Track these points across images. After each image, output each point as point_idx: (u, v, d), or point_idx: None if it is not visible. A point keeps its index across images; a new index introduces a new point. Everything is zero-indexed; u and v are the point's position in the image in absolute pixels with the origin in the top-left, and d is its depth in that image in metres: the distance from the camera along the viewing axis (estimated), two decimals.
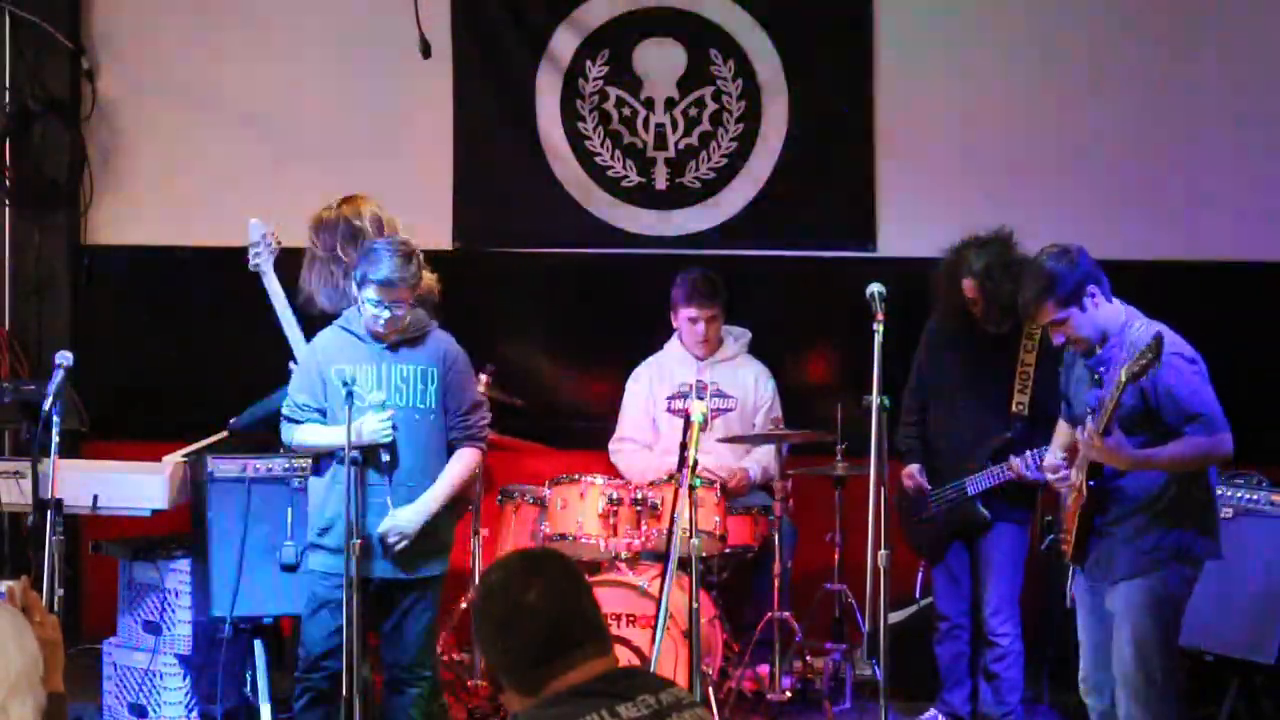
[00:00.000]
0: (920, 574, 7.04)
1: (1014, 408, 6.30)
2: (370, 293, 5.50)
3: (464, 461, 5.68)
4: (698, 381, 6.97)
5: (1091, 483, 5.12)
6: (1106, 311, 5.15)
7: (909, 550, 6.71)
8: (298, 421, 5.68)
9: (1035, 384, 6.26)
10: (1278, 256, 7.42)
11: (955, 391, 6.46)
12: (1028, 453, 6.10)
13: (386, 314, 5.51)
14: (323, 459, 5.64)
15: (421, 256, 5.60)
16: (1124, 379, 4.87)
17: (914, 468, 6.54)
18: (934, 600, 6.63)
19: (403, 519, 5.54)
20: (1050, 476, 5.36)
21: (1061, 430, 5.53)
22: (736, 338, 7.18)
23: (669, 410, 6.98)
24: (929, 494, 6.48)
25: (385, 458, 5.51)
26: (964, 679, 6.53)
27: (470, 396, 5.71)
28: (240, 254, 7.62)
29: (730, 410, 6.98)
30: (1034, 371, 6.27)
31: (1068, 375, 5.45)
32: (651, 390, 7.14)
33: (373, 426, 5.47)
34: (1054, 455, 5.43)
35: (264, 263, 5.93)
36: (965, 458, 6.38)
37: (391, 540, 5.53)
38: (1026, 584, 6.47)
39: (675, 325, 7.13)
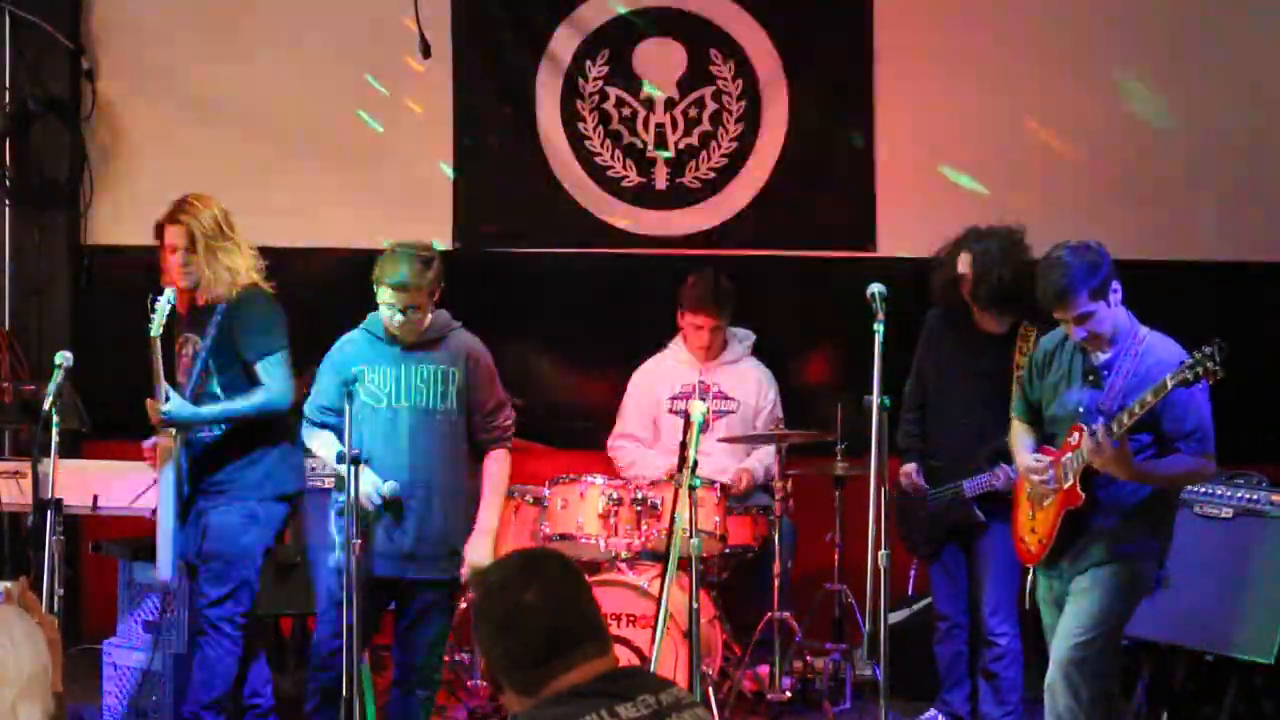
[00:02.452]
0: (913, 573, 7.04)
1: (1010, 412, 6.29)
2: (385, 295, 5.51)
3: (501, 467, 5.71)
4: (700, 383, 6.98)
5: (1095, 490, 5.13)
6: (1121, 313, 5.16)
7: (904, 549, 6.71)
8: (314, 424, 5.71)
9: None
10: (1278, 257, 7.43)
11: (954, 391, 6.45)
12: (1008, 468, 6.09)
13: (401, 317, 5.52)
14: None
15: (439, 263, 5.60)
16: (1170, 384, 4.84)
17: (911, 467, 6.53)
18: (933, 600, 6.63)
19: (475, 553, 5.56)
20: (1036, 478, 5.31)
21: (1020, 432, 5.51)
22: (740, 339, 7.17)
23: (671, 411, 6.99)
24: (927, 493, 6.48)
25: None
26: (963, 679, 6.52)
27: (495, 396, 5.70)
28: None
29: (733, 413, 6.99)
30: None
31: (1037, 376, 5.43)
32: (654, 390, 7.14)
33: (366, 489, 5.48)
34: (1031, 456, 5.40)
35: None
36: (963, 458, 6.37)
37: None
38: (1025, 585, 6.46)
39: (680, 325, 7.12)
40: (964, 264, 6.28)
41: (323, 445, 5.67)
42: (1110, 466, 5.01)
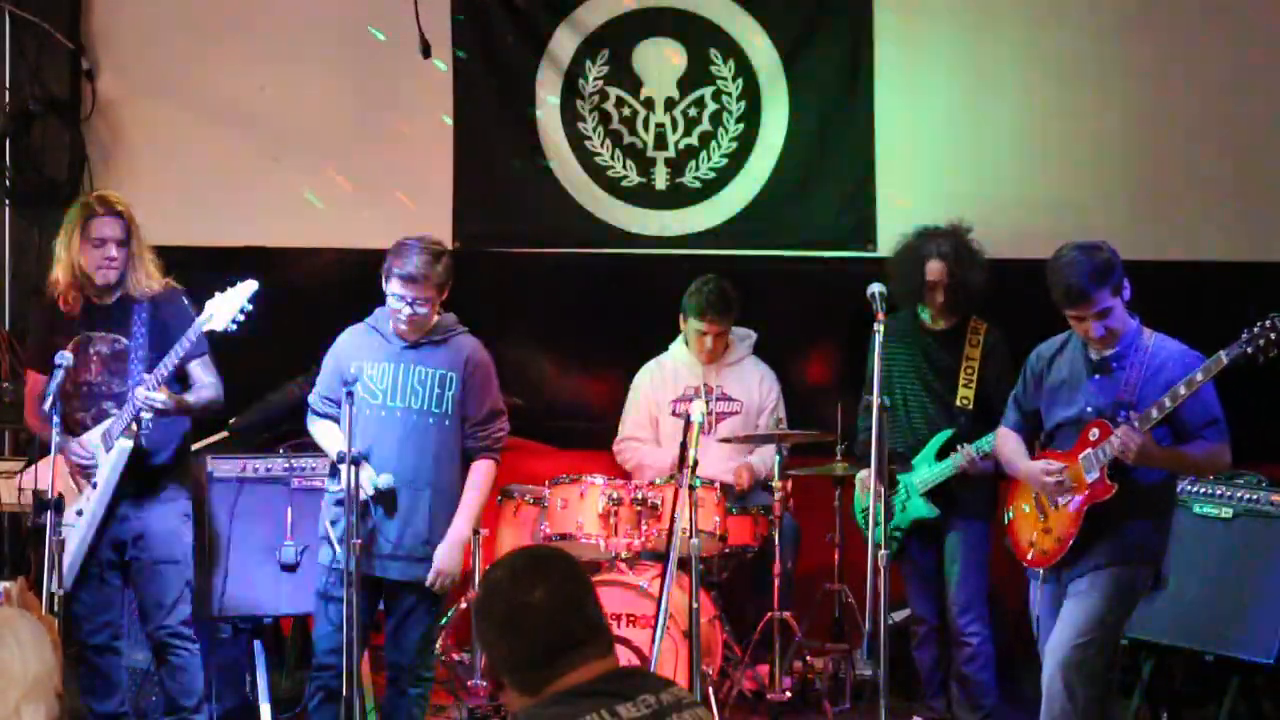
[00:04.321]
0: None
1: (959, 402, 6.27)
2: (395, 286, 5.50)
3: (483, 477, 5.66)
4: (704, 385, 6.97)
5: (1121, 481, 5.11)
6: (1124, 310, 5.17)
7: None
8: (317, 414, 5.71)
9: (980, 380, 6.24)
10: (1277, 257, 7.43)
11: (905, 387, 6.40)
12: (969, 446, 6.09)
13: (409, 310, 5.51)
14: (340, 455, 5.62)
15: (449, 259, 5.59)
16: (1225, 360, 4.84)
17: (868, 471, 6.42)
18: (910, 605, 6.57)
19: (444, 561, 5.54)
20: (1050, 480, 5.24)
21: (1011, 439, 5.47)
22: (742, 339, 7.16)
23: (674, 414, 6.98)
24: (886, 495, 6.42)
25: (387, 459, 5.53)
26: (947, 681, 6.47)
27: (489, 404, 5.66)
28: (239, 254, 7.67)
29: (736, 414, 6.98)
30: (979, 367, 6.25)
31: (1033, 384, 5.39)
32: (656, 392, 7.13)
33: (360, 480, 5.46)
34: (1040, 463, 5.35)
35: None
36: (915, 453, 6.34)
37: (444, 583, 5.54)
38: (1016, 589, 6.43)
39: (683, 328, 7.11)
40: (937, 271, 6.25)
41: (325, 435, 5.67)
42: (1141, 455, 5.00)
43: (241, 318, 5.49)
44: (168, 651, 5.75)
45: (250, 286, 5.51)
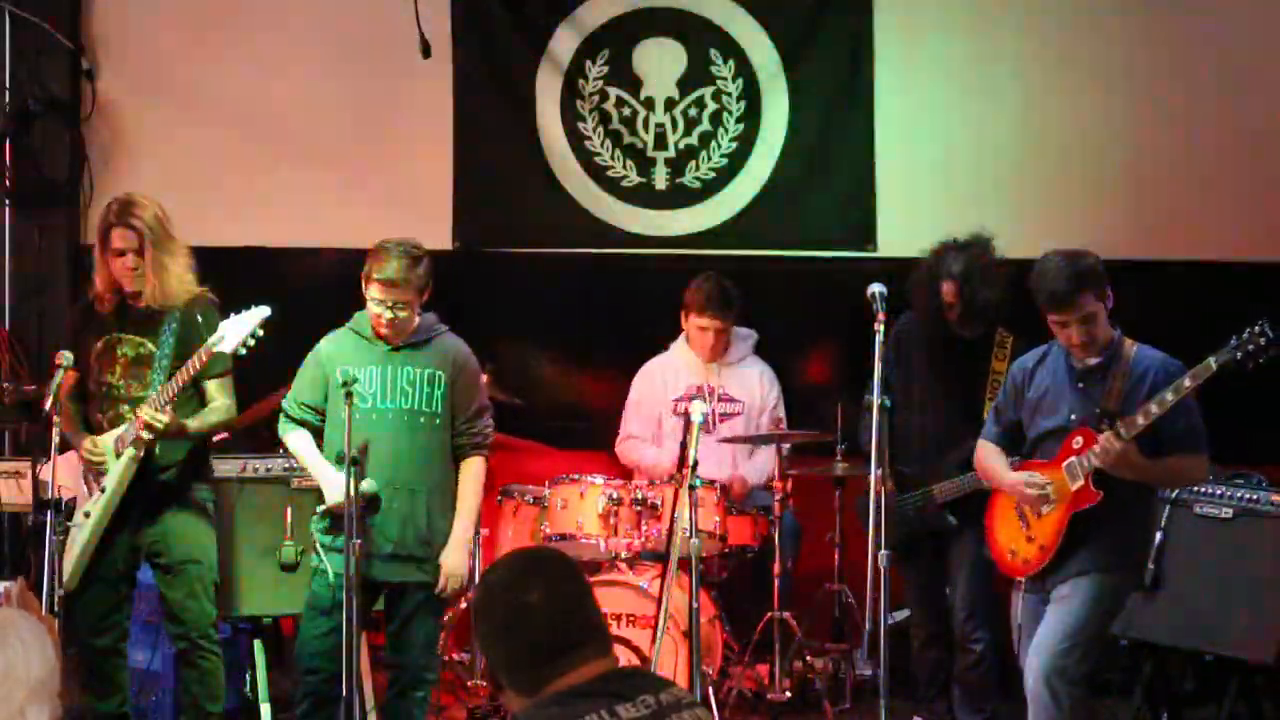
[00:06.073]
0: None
1: (985, 415, 6.23)
2: (374, 291, 5.51)
3: (476, 476, 5.66)
4: (705, 386, 6.97)
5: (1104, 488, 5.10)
6: (1107, 319, 5.16)
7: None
8: (293, 420, 5.69)
9: None
10: (1278, 256, 7.43)
11: (926, 394, 6.37)
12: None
13: (389, 314, 5.51)
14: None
15: (428, 261, 5.59)
16: (1214, 365, 4.82)
17: (877, 472, 6.38)
18: (911, 610, 6.55)
19: (451, 566, 5.55)
20: (1033, 492, 5.21)
21: (992, 452, 5.45)
22: (743, 338, 7.15)
23: (675, 413, 6.98)
24: (895, 498, 6.39)
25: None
26: (948, 685, 6.46)
27: (478, 402, 5.68)
28: (239, 254, 7.67)
29: (737, 415, 6.98)
30: (1004, 379, 6.22)
31: (1015, 396, 5.38)
32: (657, 392, 7.12)
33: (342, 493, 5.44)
34: (1023, 474, 5.33)
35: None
36: (935, 462, 6.32)
37: (453, 586, 5.56)
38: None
39: (684, 326, 7.10)
40: (949, 292, 6.19)
41: (300, 443, 5.66)
42: (1119, 466, 5.00)
43: (252, 342, 5.44)
44: (195, 656, 5.70)
45: (262, 312, 5.45)
